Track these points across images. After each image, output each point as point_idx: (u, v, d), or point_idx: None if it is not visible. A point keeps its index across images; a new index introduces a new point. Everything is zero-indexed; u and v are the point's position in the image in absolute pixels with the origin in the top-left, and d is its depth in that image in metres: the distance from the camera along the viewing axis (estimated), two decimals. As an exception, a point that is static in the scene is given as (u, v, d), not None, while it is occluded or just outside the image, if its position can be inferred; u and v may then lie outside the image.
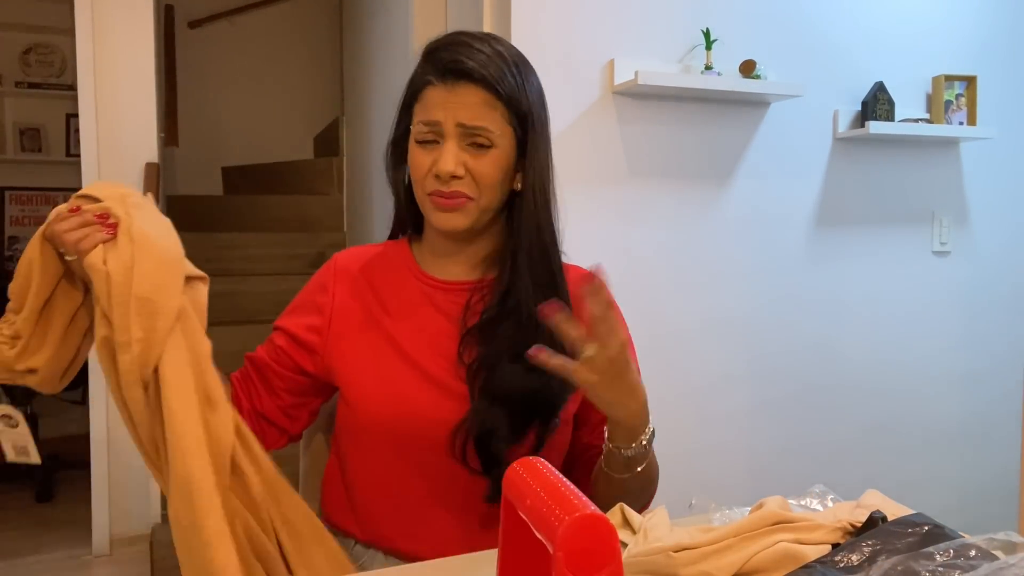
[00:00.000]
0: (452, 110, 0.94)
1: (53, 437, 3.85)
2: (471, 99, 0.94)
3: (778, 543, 0.74)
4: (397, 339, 1.00)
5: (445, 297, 1.03)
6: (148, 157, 2.92)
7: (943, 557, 0.63)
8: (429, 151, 0.96)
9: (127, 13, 2.87)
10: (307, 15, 4.79)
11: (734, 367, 2.17)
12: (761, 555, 0.73)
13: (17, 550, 2.93)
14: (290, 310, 1.07)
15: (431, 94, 0.96)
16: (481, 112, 0.94)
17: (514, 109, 0.97)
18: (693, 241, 2.10)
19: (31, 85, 4.21)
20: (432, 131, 0.95)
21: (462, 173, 0.95)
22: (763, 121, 2.15)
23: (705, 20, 2.03)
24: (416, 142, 0.98)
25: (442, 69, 0.95)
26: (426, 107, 0.96)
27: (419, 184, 0.98)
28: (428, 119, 0.95)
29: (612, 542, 0.46)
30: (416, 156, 0.98)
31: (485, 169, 0.96)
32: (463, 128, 0.94)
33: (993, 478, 2.52)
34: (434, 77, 0.96)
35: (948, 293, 2.45)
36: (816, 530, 0.77)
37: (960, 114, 2.32)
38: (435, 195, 0.96)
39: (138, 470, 2.82)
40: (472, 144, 0.95)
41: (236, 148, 4.63)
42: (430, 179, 0.96)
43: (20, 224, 4.28)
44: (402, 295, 1.04)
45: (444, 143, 0.95)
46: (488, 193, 0.97)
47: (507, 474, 0.56)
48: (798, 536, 0.76)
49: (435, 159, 0.95)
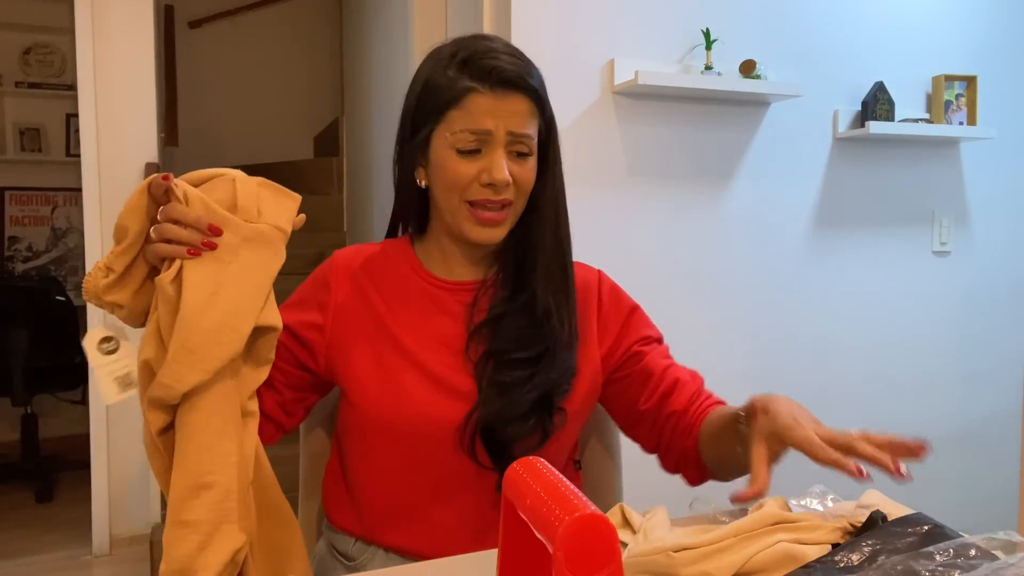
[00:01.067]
0: (503, 119, 0.95)
1: (53, 437, 3.86)
2: (520, 107, 0.96)
3: (778, 543, 0.74)
4: (400, 338, 1.00)
5: (449, 296, 1.03)
6: (148, 157, 2.92)
7: (943, 557, 0.63)
8: (473, 160, 0.96)
9: (127, 13, 2.87)
10: (307, 15, 4.80)
11: (734, 367, 2.17)
12: (761, 555, 0.73)
13: (17, 550, 2.93)
14: (290, 304, 1.05)
15: (478, 102, 0.95)
16: (527, 121, 0.97)
17: (544, 116, 1.01)
18: (693, 241, 2.10)
19: (31, 85, 4.21)
20: (479, 140, 0.96)
21: (511, 181, 0.97)
22: (763, 121, 2.15)
23: (705, 20, 2.03)
24: (458, 151, 0.97)
25: (489, 78, 0.95)
26: (472, 115, 0.95)
27: (457, 191, 0.97)
28: (477, 128, 0.95)
29: (612, 542, 0.46)
30: (457, 164, 0.97)
31: (527, 176, 0.99)
32: (512, 136, 0.96)
33: (993, 478, 2.52)
34: (479, 85, 0.95)
35: (948, 293, 2.45)
36: (816, 530, 0.77)
37: (960, 114, 2.32)
38: (482, 205, 0.97)
39: (138, 470, 2.82)
40: (514, 152, 0.97)
41: (236, 148, 4.62)
42: (475, 187, 0.96)
43: (20, 224, 4.28)
44: (405, 294, 1.03)
45: (493, 152, 0.96)
46: (523, 199, 1.00)
47: (507, 474, 0.56)
48: (798, 536, 0.76)
49: (483, 168, 0.96)
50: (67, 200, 4.31)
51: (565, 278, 1.02)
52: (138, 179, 2.89)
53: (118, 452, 2.85)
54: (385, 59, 3.40)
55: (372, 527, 1.01)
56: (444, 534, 0.98)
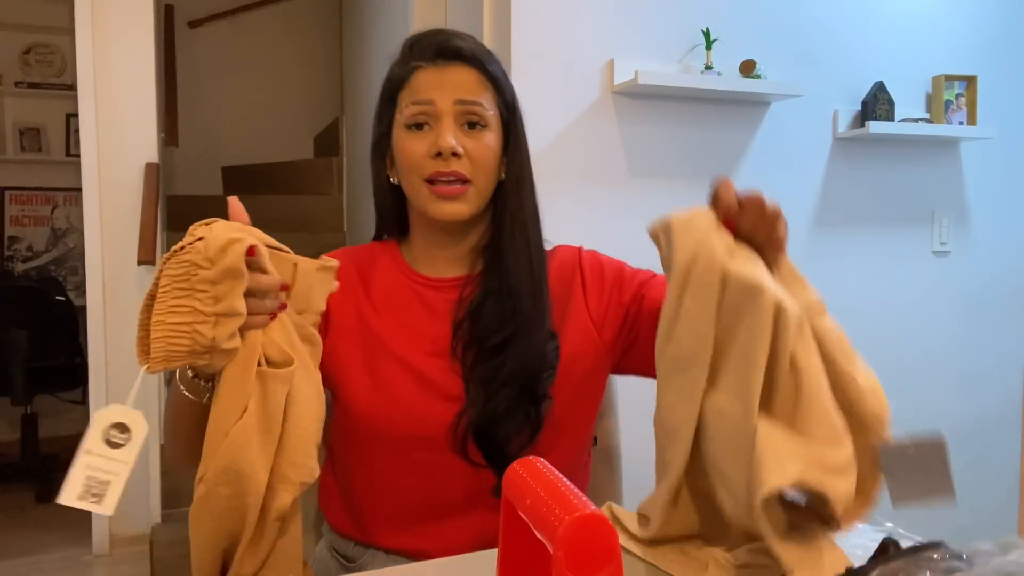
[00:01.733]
0: (447, 89, 0.94)
1: (53, 437, 3.86)
2: (465, 77, 0.95)
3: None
4: (389, 342, 0.99)
5: (437, 295, 1.01)
6: (148, 157, 2.92)
7: (944, 562, 0.63)
8: (422, 135, 0.95)
9: (127, 13, 2.87)
10: (307, 15, 4.80)
11: (734, 367, 2.17)
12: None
13: (17, 550, 2.93)
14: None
15: (421, 77, 0.96)
16: (476, 88, 0.95)
17: (501, 94, 0.98)
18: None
19: (31, 85, 4.21)
20: (424, 112, 0.94)
21: (461, 151, 0.94)
22: (763, 121, 2.15)
23: (705, 20, 2.03)
24: (406, 128, 0.96)
25: (431, 53, 0.96)
26: (415, 89, 0.95)
27: (413, 171, 0.96)
28: (420, 98, 0.94)
29: (612, 542, 0.46)
30: (407, 142, 0.96)
31: (481, 150, 0.95)
32: (460, 104, 0.94)
33: (993, 478, 2.52)
34: (422, 61, 0.96)
35: (948, 293, 2.45)
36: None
37: (960, 114, 2.32)
38: (434, 179, 0.94)
39: (138, 470, 2.82)
40: (467, 123, 0.95)
41: (236, 148, 4.62)
42: (427, 162, 0.94)
43: (20, 224, 4.28)
44: (393, 295, 1.02)
45: (440, 123, 0.94)
46: (483, 176, 0.96)
47: (507, 474, 0.56)
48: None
49: (431, 140, 0.94)
50: (67, 200, 4.31)
51: (530, 261, 0.98)
52: (138, 179, 2.88)
53: (118, 452, 2.85)
54: (385, 59, 3.40)
55: (371, 531, 1.01)
56: (443, 536, 0.97)
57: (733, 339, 0.71)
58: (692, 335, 0.72)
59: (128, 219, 2.86)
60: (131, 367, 3.12)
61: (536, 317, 0.96)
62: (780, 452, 0.66)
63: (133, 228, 2.82)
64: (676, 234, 0.74)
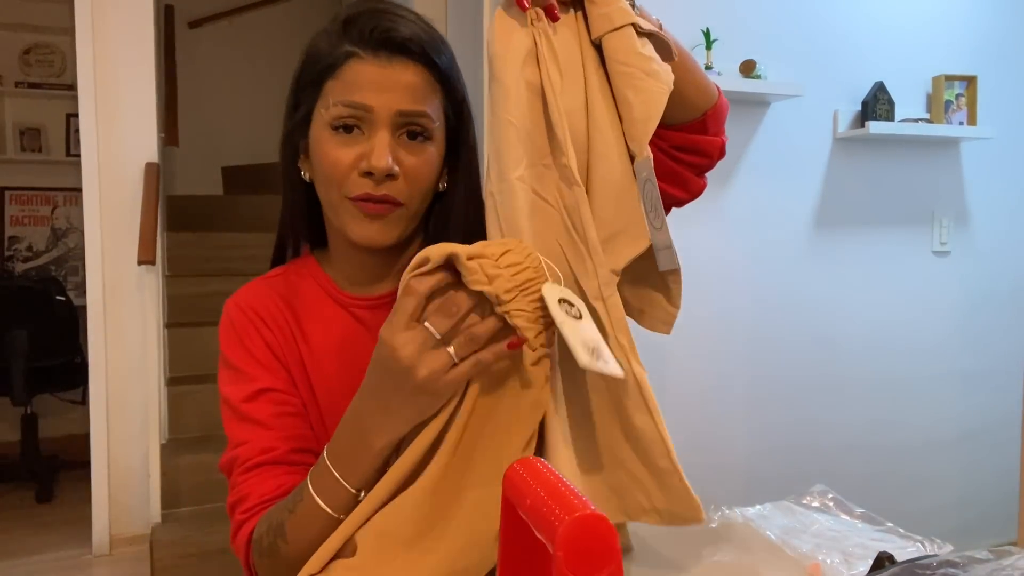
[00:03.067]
0: (388, 93, 0.77)
1: (53, 437, 3.86)
2: (411, 79, 0.78)
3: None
4: (336, 392, 0.85)
5: (372, 315, 0.87)
6: (148, 157, 2.92)
7: (940, 569, 0.63)
8: (350, 142, 0.78)
9: (127, 13, 2.88)
10: (307, 15, 4.80)
11: (733, 367, 2.17)
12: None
13: (17, 550, 2.93)
14: (234, 389, 0.84)
15: (358, 69, 0.77)
16: (421, 95, 0.78)
17: (450, 94, 0.82)
18: (693, 241, 2.10)
19: (31, 85, 4.21)
20: (356, 116, 0.77)
21: (397, 172, 0.78)
22: (763, 121, 2.15)
23: (705, 20, 2.03)
24: (332, 128, 0.78)
25: (371, 40, 0.78)
26: (350, 86, 0.77)
27: (334, 184, 0.79)
28: (353, 101, 0.77)
29: (612, 542, 0.46)
30: (331, 148, 0.78)
31: (421, 169, 0.79)
32: (401, 116, 0.77)
33: (993, 478, 2.52)
34: (360, 49, 0.78)
35: (948, 293, 2.45)
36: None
37: (960, 114, 2.32)
38: (361, 199, 0.78)
39: (138, 470, 2.82)
40: (406, 134, 0.79)
41: (236, 148, 4.63)
42: (353, 179, 0.78)
43: (20, 224, 4.28)
44: (331, 330, 0.87)
45: (375, 133, 0.77)
46: (418, 198, 0.81)
47: (507, 474, 0.56)
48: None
49: (361, 153, 0.77)
50: (67, 200, 4.31)
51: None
52: (138, 179, 2.89)
53: (118, 452, 2.85)
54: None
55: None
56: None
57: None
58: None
59: (128, 219, 2.86)
60: (131, 367, 3.13)
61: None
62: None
63: (133, 228, 2.82)
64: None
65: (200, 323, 3.13)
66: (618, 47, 0.73)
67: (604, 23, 0.73)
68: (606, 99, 0.74)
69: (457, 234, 0.83)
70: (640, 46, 0.73)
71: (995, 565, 0.61)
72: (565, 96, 0.73)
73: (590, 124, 0.74)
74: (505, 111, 0.73)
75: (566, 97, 0.73)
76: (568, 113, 0.73)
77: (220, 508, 2.75)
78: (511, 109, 0.73)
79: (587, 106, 0.74)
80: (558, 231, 0.74)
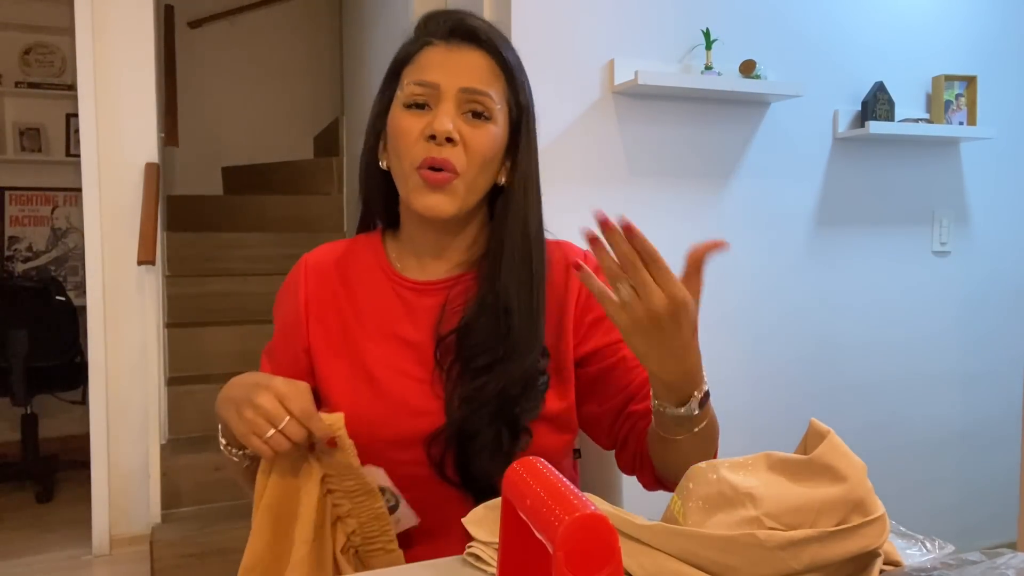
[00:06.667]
0: (453, 72, 0.86)
1: (53, 437, 3.86)
2: (476, 62, 0.87)
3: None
4: (366, 353, 0.92)
5: (419, 300, 0.94)
6: (148, 157, 2.92)
7: (935, 571, 0.64)
8: (420, 115, 0.87)
9: (127, 13, 2.88)
10: (307, 15, 4.80)
11: (733, 367, 2.17)
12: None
13: (17, 550, 2.93)
14: (271, 349, 0.99)
15: (429, 54, 0.88)
16: (485, 78, 0.87)
17: (514, 89, 0.90)
18: (693, 241, 2.10)
19: (31, 85, 4.21)
20: (426, 93, 0.86)
21: (457, 138, 0.85)
22: (763, 121, 2.15)
23: (705, 20, 2.03)
24: (404, 106, 0.88)
25: (444, 30, 0.88)
26: (421, 67, 0.88)
27: (405, 155, 0.87)
28: (423, 79, 0.86)
29: (612, 542, 0.46)
30: (403, 121, 0.87)
31: (481, 141, 0.86)
32: (464, 93, 0.86)
33: (993, 478, 2.52)
34: (433, 37, 0.88)
35: (948, 293, 2.45)
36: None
37: (960, 114, 2.32)
38: (425, 165, 0.85)
39: (138, 470, 2.82)
40: (470, 112, 0.87)
41: (236, 148, 4.63)
42: (419, 144, 0.86)
43: (20, 224, 4.28)
44: (373, 297, 0.95)
45: (440, 105, 0.86)
46: (475, 170, 0.87)
47: (507, 474, 0.56)
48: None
49: (428, 121, 0.86)
50: (67, 200, 4.31)
51: (531, 278, 0.90)
52: (138, 179, 2.89)
53: (118, 452, 2.85)
54: (385, 59, 3.40)
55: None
56: (422, 557, 0.92)
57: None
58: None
59: (128, 219, 2.86)
60: (131, 367, 3.13)
61: (529, 339, 0.89)
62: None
63: (133, 228, 2.82)
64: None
65: (200, 323, 3.14)
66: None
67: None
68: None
69: (517, 227, 0.90)
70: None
71: (988, 565, 0.61)
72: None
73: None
74: None
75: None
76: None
77: (220, 508, 2.76)
78: None
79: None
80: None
